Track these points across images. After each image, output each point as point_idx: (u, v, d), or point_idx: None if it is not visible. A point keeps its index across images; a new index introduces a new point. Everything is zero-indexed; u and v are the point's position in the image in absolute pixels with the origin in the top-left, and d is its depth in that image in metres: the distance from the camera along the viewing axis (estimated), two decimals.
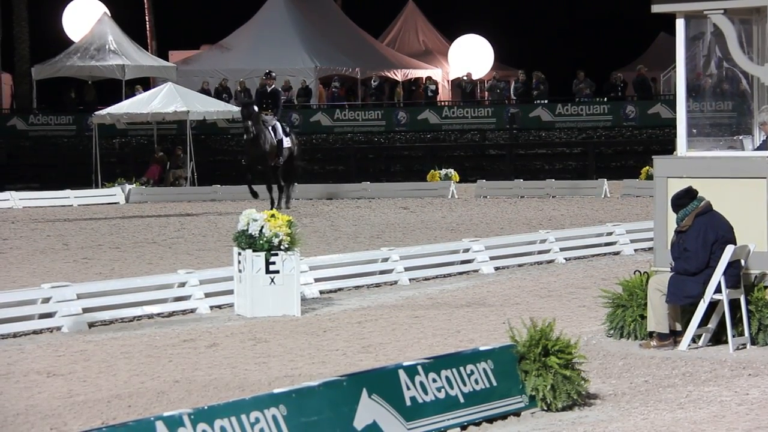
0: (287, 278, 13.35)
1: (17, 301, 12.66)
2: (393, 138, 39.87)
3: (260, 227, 13.25)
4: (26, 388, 9.86)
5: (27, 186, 36.38)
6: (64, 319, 12.72)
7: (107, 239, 21.96)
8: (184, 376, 10.22)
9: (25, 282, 15.32)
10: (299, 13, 45.90)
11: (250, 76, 43.12)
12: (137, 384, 9.97)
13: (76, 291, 13.05)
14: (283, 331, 12.39)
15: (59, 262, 18.31)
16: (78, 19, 45.25)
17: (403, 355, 10.58)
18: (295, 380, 9.63)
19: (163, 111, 35.51)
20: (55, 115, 42.28)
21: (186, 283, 13.93)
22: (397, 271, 15.96)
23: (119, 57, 41.64)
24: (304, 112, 41.50)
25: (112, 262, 18.10)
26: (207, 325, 12.88)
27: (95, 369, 10.61)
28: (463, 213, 26.63)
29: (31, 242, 21.60)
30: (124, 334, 12.43)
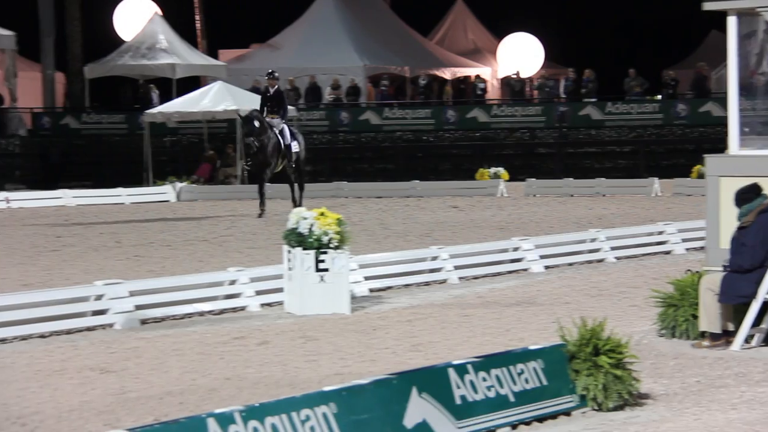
0: (337, 276, 13.38)
1: (71, 298, 12.78)
2: (442, 136, 39.84)
3: (310, 225, 13.30)
4: (80, 385, 9.95)
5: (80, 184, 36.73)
6: (116, 316, 12.82)
7: (159, 237, 22.10)
8: (235, 374, 10.27)
9: (79, 279, 15.45)
10: (348, 12, 45.96)
11: (299, 74, 43.25)
12: (189, 381, 10.03)
13: (129, 288, 13.15)
14: (332, 329, 12.43)
15: (112, 259, 18.45)
16: (130, 19, 45.59)
17: (453, 354, 10.58)
18: (345, 378, 9.65)
19: (213, 109, 35.70)
20: (107, 114, 42.59)
21: (236, 281, 14.01)
22: (447, 270, 15.95)
23: (170, 56, 41.90)
24: (353, 110, 41.55)
25: (164, 260, 18.22)
26: (257, 323, 12.94)
27: (147, 366, 10.69)
28: (513, 212, 26.58)
29: (85, 240, 21.78)
30: (175, 332, 12.52)
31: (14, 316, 12.18)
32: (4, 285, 15.26)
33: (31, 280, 15.89)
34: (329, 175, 37.24)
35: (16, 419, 8.86)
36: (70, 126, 42.06)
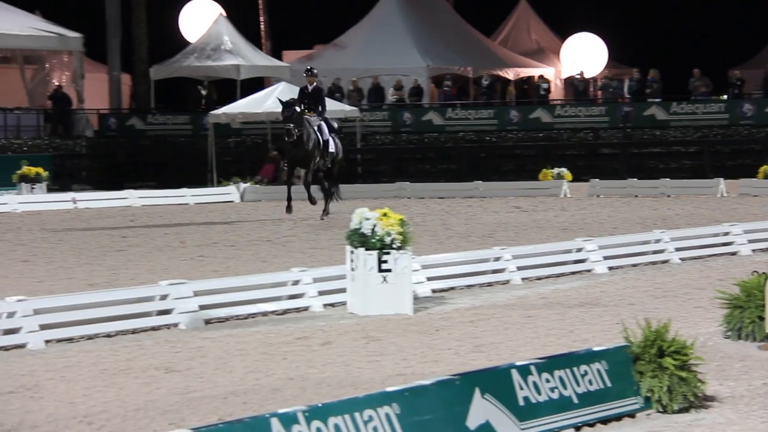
0: (399, 277, 13.39)
1: (136, 297, 12.90)
2: (505, 137, 39.74)
3: (373, 226, 13.31)
4: (145, 384, 10.04)
5: (145, 185, 37.01)
6: (181, 315, 12.92)
7: (223, 237, 22.24)
8: (298, 374, 10.31)
9: (144, 279, 15.58)
10: (412, 12, 45.97)
11: (362, 75, 43.34)
12: (252, 381, 10.09)
13: (193, 288, 13.24)
14: (395, 330, 12.44)
15: (176, 259, 18.59)
16: (195, 20, 45.93)
17: (516, 355, 10.56)
18: (408, 379, 9.66)
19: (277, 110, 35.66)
20: (172, 115, 42.92)
21: (300, 281, 14.07)
22: (510, 271, 15.92)
23: (234, 57, 42.15)
24: (415, 111, 41.55)
25: (228, 260, 18.32)
26: (320, 323, 12.99)
27: (211, 365, 10.76)
28: (576, 212, 26.46)
29: (149, 240, 21.96)
30: (239, 331, 12.59)
31: (81, 316, 12.31)
32: (71, 285, 15.43)
33: (97, 279, 16.05)
34: (392, 175, 37.28)
35: (82, 418, 8.96)
36: (135, 127, 42.43)
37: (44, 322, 11.98)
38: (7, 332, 11.75)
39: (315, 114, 24.77)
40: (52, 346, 11.79)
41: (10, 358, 11.27)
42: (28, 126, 40.62)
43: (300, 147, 24.30)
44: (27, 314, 11.88)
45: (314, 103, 24.86)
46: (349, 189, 33.41)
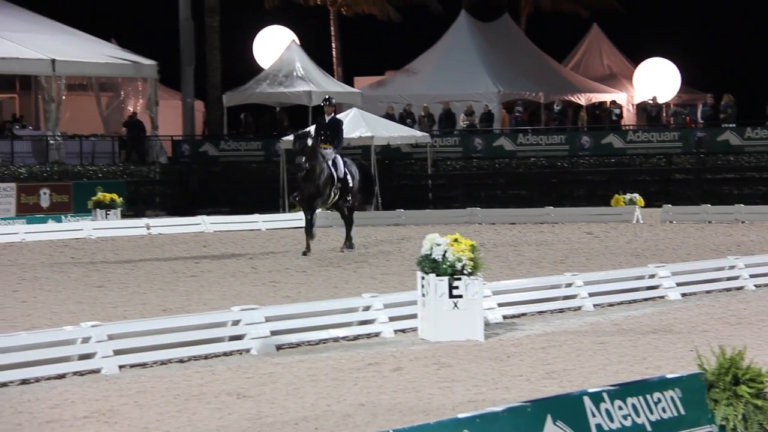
0: (470, 303, 13.36)
1: (208, 323, 12.97)
2: (576, 162, 39.57)
3: (444, 251, 13.31)
4: (217, 409, 10.09)
5: (217, 210, 37.28)
6: (253, 341, 12.98)
7: (294, 263, 22.32)
8: (369, 400, 10.32)
9: (216, 304, 15.68)
10: (483, 38, 46.03)
11: (433, 101, 43.42)
12: (324, 406, 10.10)
13: (265, 314, 13.30)
14: (466, 356, 12.41)
15: (248, 285, 18.69)
16: (268, 47, 46.32)
17: (588, 382, 10.48)
18: (479, 405, 9.63)
19: (348, 136, 35.94)
20: (244, 141, 43.23)
21: (371, 307, 14.08)
22: (582, 297, 15.83)
23: (306, 83, 42.45)
24: (486, 136, 41.53)
25: (299, 286, 18.39)
26: (391, 349, 12.98)
27: (283, 391, 10.80)
28: (649, 238, 26.26)
29: (222, 265, 22.10)
30: (310, 357, 12.62)
31: (154, 341, 12.41)
32: (144, 310, 15.57)
33: (170, 305, 16.18)
34: (463, 201, 37.26)
35: None
36: (208, 153, 42.78)
37: (118, 347, 12.09)
38: (82, 357, 11.88)
39: (331, 147, 23.44)
40: (126, 372, 11.90)
41: (86, 383, 11.38)
42: (103, 152, 41.14)
43: (311, 182, 23.03)
44: (101, 339, 12.00)
45: (331, 135, 23.51)
46: (420, 214, 33.50)
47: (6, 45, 38.80)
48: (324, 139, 23.35)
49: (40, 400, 10.57)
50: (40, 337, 11.87)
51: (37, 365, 11.52)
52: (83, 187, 36.15)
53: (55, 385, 11.25)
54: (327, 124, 23.60)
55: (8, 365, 11.33)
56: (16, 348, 11.51)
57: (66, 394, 10.81)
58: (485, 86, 44.04)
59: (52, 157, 39.12)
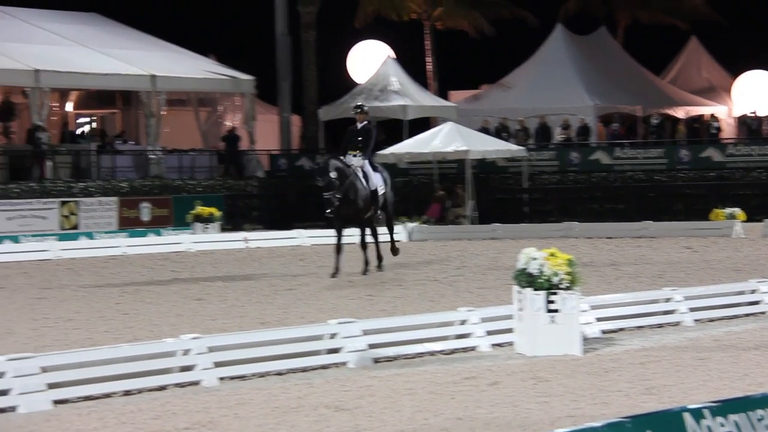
0: (567, 317, 13.31)
1: (306, 336, 13.08)
2: (675, 176, 39.17)
3: (540, 266, 13.28)
4: (315, 422, 10.16)
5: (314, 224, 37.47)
6: (350, 354, 13.05)
7: (390, 276, 22.39)
8: (466, 414, 10.32)
9: (313, 318, 15.79)
10: (579, 51, 45.80)
11: (529, 114, 43.31)
12: (421, 420, 10.13)
13: (362, 327, 13.37)
14: (564, 371, 12.36)
15: (344, 298, 18.79)
16: (363, 61, 46.56)
17: (688, 398, 10.39)
18: (577, 421, 9.59)
19: (443, 150, 36.07)
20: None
21: (467, 321, 14.09)
22: (681, 312, 15.67)
23: (402, 98, 42.57)
24: (583, 150, 41.29)
25: (395, 299, 18.44)
26: (488, 363, 12.97)
27: (380, 404, 10.84)
28: (750, 253, 25.90)
29: (318, 279, 22.24)
30: (407, 370, 12.65)
31: (253, 354, 12.54)
32: (243, 323, 15.73)
33: (268, 318, 16.33)
34: (559, 215, 37.07)
35: None
36: (305, 167, 43.05)
37: (218, 359, 12.23)
38: (182, 369, 12.04)
39: (360, 154, 22.62)
40: (226, 383, 12.03)
41: (186, 394, 11.53)
42: (201, 167, 41.62)
43: (349, 205, 22.32)
44: (202, 352, 12.15)
45: (362, 142, 22.74)
46: (516, 229, 33.40)
47: (108, 61, 39.46)
48: (355, 146, 22.73)
49: (142, 411, 10.73)
50: (141, 349, 12.05)
51: (139, 377, 11.70)
52: (183, 201, 36.62)
53: (157, 397, 11.42)
54: (359, 131, 22.93)
55: (111, 376, 11.53)
56: (119, 360, 11.70)
57: (167, 405, 10.97)
58: (581, 100, 43.79)
59: (153, 171, 39.68)
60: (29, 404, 10.83)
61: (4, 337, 14.96)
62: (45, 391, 11.01)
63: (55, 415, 10.62)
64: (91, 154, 39.06)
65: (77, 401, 11.15)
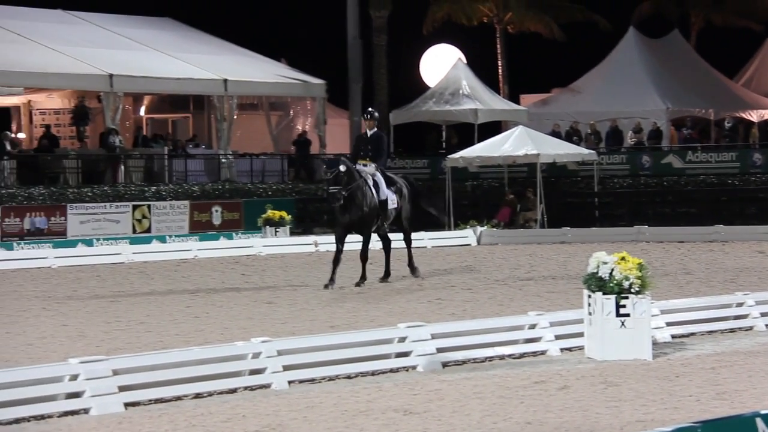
0: (638, 322, 13.24)
1: (375, 340, 13.11)
2: (748, 180, 38.73)
3: (611, 270, 13.22)
4: (384, 425, 10.19)
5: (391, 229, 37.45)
6: (419, 358, 13.06)
7: (460, 280, 22.37)
8: (535, 418, 10.30)
9: (382, 321, 15.82)
10: (651, 55, 45.48)
11: (600, 118, 43.07)
12: (490, 424, 10.12)
13: (431, 331, 13.39)
14: (634, 375, 12.28)
15: (414, 302, 18.80)
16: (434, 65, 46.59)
17: (761, 404, 10.28)
18: (648, 426, 9.54)
19: (514, 154, 35.98)
20: (410, 159, 43.49)
21: (536, 325, 14.06)
22: (753, 317, 15.52)
23: (472, 101, 42.54)
24: (654, 154, 40.98)
25: (464, 303, 18.43)
26: (557, 367, 12.93)
27: (449, 408, 10.84)
28: None
29: (387, 283, 22.25)
30: (476, 374, 12.64)
31: (322, 357, 12.59)
32: (312, 326, 15.80)
33: (338, 321, 16.38)
34: (630, 219, 36.80)
35: None
36: None
37: (288, 363, 12.30)
38: (252, 372, 12.12)
39: (372, 163, 21.45)
40: (295, 387, 12.09)
41: (256, 397, 11.61)
42: (272, 171, 41.84)
43: (353, 210, 21.18)
44: (271, 355, 12.22)
45: (373, 151, 21.49)
46: (586, 233, 33.20)
47: (180, 66, 39.82)
48: (364, 155, 21.48)
49: (212, 414, 10.82)
50: (212, 352, 12.15)
51: (210, 380, 11.79)
52: (253, 205, 36.83)
53: (227, 399, 11.50)
54: (369, 139, 21.59)
55: (182, 379, 11.63)
56: (190, 362, 11.80)
57: (237, 408, 11.05)
58: (654, 103, 43.47)
59: (224, 175, 39.96)
60: (101, 406, 10.96)
61: (77, 339, 15.15)
62: (117, 393, 11.14)
63: (126, 418, 10.74)
64: (164, 158, 39.43)
65: (148, 404, 11.27)
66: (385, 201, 21.56)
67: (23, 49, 37.16)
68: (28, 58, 36.62)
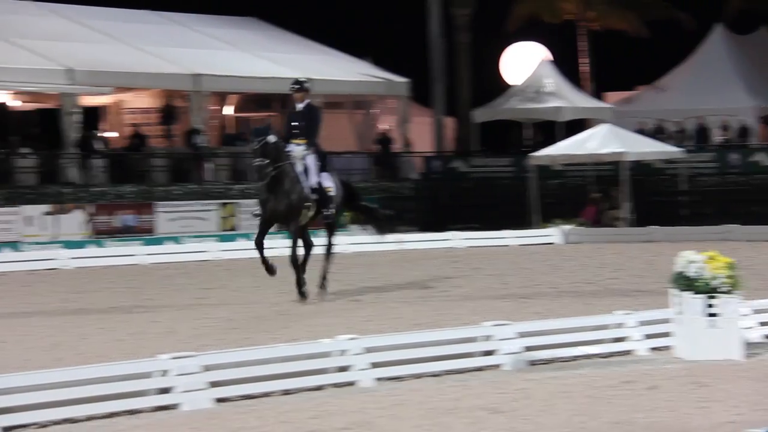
0: (728, 321, 13.10)
1: (461, 338, 13.11)
2: None
3: (699, 269, 13.09)
4: (471, 424, 10.18)
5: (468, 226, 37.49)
6: (505, 357, 13.04)
7: (544, 279, 22.29)
8: (624, 418, 10.23)
9: (467, 320, 15.79)
10: (739, 52, 44.94)
11: (687, 116, 42.67)
12: (578, 424, 10.07)
13: (517, 329, 13.37)
14: (724, 376, 12.15)
15: (499, 301, 18.77)
16: (517, 63, 46.42)
17: None
18: (739, 427, 9.44)
19: (599, 152, 35.73)
20: (494, 157, 43.39)
21: (623, 324, 13.97)
22: None
23: (556, 99, 42.32)
24: (743, 151, 40.47)
25: (550, 302, 18.36)
26: (645, 367, 12.83)
27: (536, 407, 10.81)
28: None
29: (472, 281, 22.25)
30: (563, 374, 12.59)
31: (408, 355, 12.61)
32: (397, 324, 15.83)
33: (423, 320, 16.39)
34: (718, 217, 36.37)
35: None
36: (458, 169, 43.07)
37: (374, 360, 12.34)
38: (339, 369, 12.18)
39: (304, 141, 18.34)
40: (382, 384, 12.13)
41: (343, 394, 11.66)
42: (356, 169, 41.91)
43: (276, 196, 18.08)
44: (358, 352, 12.27)
45: (306, 127, 18.36)
46: (673, 231, 32.89)
47: (266, 65, 40.07)
48: (297, 133, 18.37)
49: (300, 410, 10.89)
50: (299, 349, 12.23)
51: (297, 376, 11.87)
52: None
53: (314, 396, 11.57)
54: (300, 113, 18.49)
55: (270, 375, 11.72)
56: (277, 359, 11.89)
57: (325, 405, 11.11)
58: (741, 100, 42.92)
59: None
60: (192, 402, 11.08)
61: (167, 336, 15.33)
62: (207, 389, 11.25)
63: (216, 414, 10.84)
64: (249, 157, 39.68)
65: (237, 400, 11.37)
66: (321, 187, 18.44)
67: (112, 49, 37.64)
68: (116, 58, 37.07)
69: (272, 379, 11.71)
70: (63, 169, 35.03)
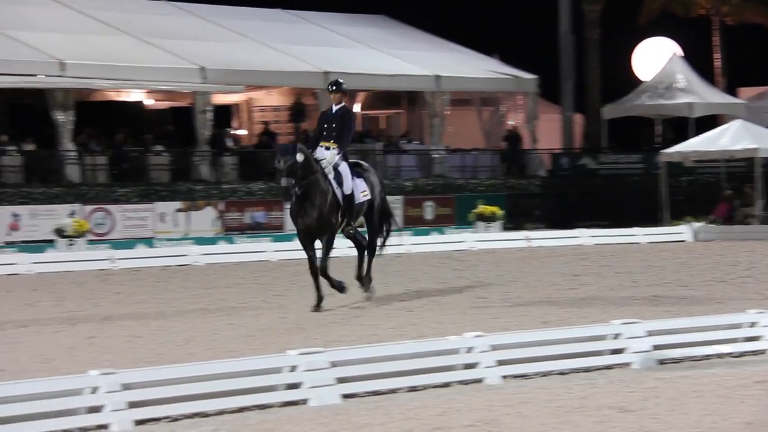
0: None
1: (589, 336, 13.03)
2: None
3: None
4: (599, 422, 10.11)
5: (596, 223, 37.19)
6: (634, 355, 12.92)
7: (675, 277, 22.00)
8: (757, 419, 10.06)
9: (596, 318, 15.67)
10: None
11: None
12: (709, 424, 9.93)
13: (646, 328, 13.23)
14: None
15: (628, 299, 18.57)
16: (648, 59, 45.87)
17: None
18: None
19: (731, 148, 35.12)
20: (624, 154, 42.95)
21: (757, 323, 13.73)
22: None
23: (688, 95, 41.72)
24: None
25: (680, 300, 18.13)
26: None
27: (666, 406, 10.69)
28: None
29: (600, 279, 22.06)
30: (694, 373, 12.43)
31: (535, 353, 12.57)
32: (524, 322, 15.78)
33: (550, 317, 16.31)
34: None
35: None
36: (587, 166, 42.71)
37: (501, 358, 12.32)
38: (466, 367, 12.19)
39: (335, 146, 17.73)
40: (509, 382, 12.10)
41: (469, 392, 11.66)
42: (484, 166, 41.86)
43: (311, 211, 17.42)
44: (485, 350, 12.26)
45: (338, 130, 17.77)
46: None
47: (394, 63, 40.21)
48: (328, 135, 17.83)
49: (426, 407, 10.92)
50: (426, 346, 12.27)
51: (424, 373, 11.91)
52: (465, 200, 36.93)
53: (441, 393, 11.60)
54: (334, 116, 17.95)
55: (396, 372, 11.77)
56: (404, 356, 11.93)
57: (451, 402, 11.12)
58: None
59: (436, 170, 40.17)
60: (319, 398, 11.19)
61: (295, 332, 15.49)
62: (334, 385, 11.34)
63: (343, 409, 10.92)
64: (377, 154, 39.88)
65: (364, 396, 11.44)
66: (351, 197, 17.82)
67: (244, 47, 38.12)
68: (248, 56, 37.53)
69: (399, 376, 11.76)
70: (195, 166, 35.60)
